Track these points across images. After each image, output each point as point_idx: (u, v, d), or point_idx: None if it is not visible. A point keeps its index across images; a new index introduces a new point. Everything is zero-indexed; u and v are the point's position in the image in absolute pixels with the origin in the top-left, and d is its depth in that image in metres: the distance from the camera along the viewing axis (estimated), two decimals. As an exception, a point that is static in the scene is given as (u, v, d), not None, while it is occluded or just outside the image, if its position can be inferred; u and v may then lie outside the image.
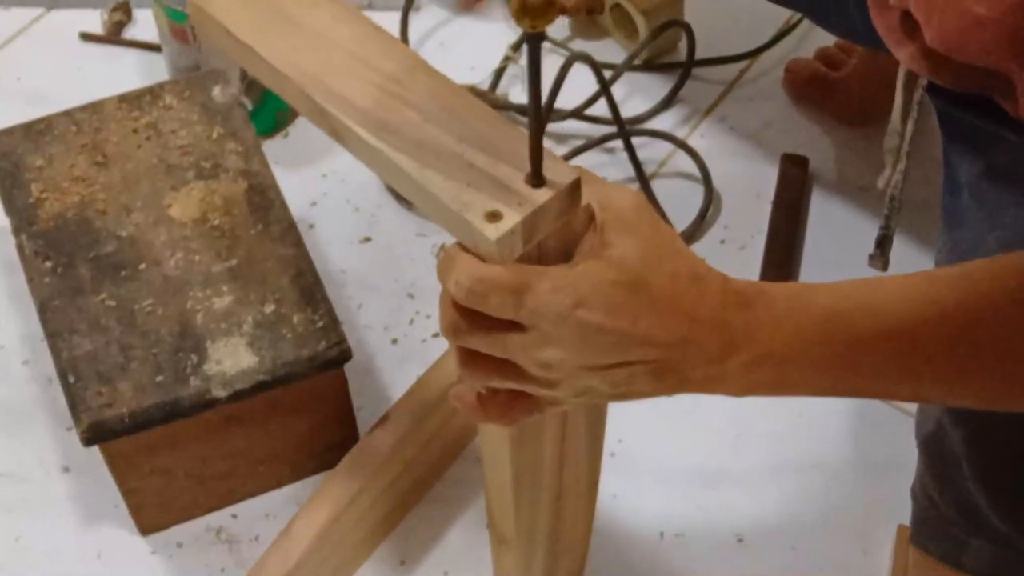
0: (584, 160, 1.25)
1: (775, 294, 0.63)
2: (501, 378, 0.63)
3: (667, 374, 0.62)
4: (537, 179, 0.60)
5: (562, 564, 0.91)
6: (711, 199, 1.23)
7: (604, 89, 1.24)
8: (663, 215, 1.21)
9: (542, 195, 0.60)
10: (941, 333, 0.63)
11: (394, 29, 1.34)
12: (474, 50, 1.33)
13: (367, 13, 0.78)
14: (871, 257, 1.07)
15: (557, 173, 0.60)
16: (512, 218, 0.59)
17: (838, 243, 1.20)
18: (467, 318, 0.61)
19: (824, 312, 0.63)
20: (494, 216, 0.59)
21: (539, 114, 0.59)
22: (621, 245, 0.60)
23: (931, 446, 0.85)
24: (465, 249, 0.61)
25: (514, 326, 0.61)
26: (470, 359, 0.63)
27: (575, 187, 0.61)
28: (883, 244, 1.07)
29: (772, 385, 0.64)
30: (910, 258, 1.16)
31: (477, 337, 0.62)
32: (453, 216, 0.60)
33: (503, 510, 0.81)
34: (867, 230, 1.19)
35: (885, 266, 1.09)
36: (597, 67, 1.23)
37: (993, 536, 0.83)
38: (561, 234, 0.62)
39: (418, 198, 0.62)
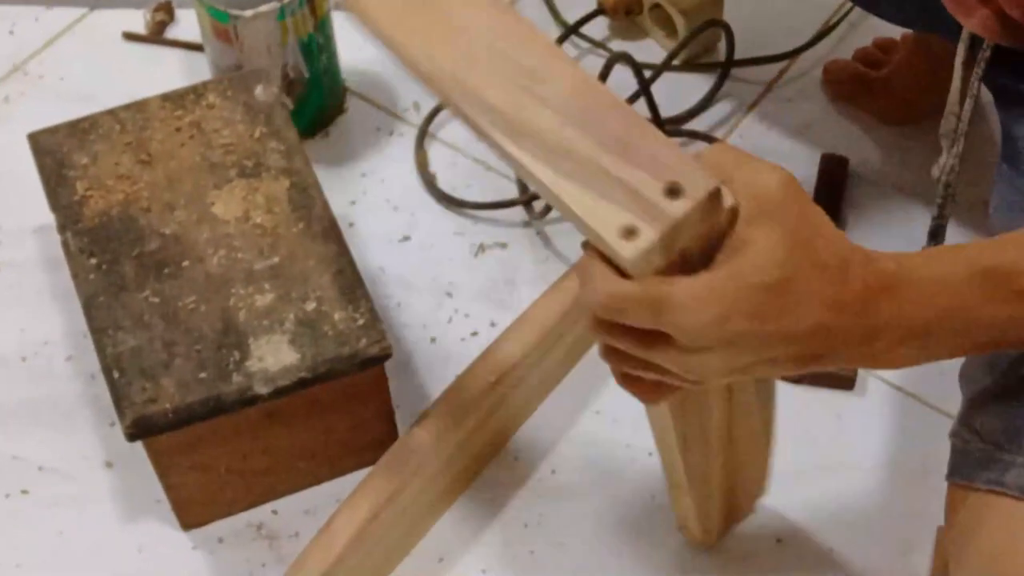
0: (623, 160, 1.26)
1: (917, 271, 0.65)
2: (645, 371, 0.64)
3: (811, 361, 0.63)
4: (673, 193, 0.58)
5: (741, 494, 0.93)
6: (750, 199, 1.23)
7: (644, 89, 1.24)
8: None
9: (680, 207, 0.58)
10: None
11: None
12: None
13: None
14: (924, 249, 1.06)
15: (695, 182, 0.58)
16: (648, 235, 0.58)
17: (879, 242, 1.18)
18: (609, 322, 0.61)
19: (963, 281, 0.65)
20: (630, 233, 0.58)
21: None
22: (765, 240, 0.59)
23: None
24: (599, 254, 0.60)
25: (658, 333, 0.60)
26: (613, 353, 0.63)
27: (714, 196, 0.59)
28: (937, 234, 1.06)
29: (916, 358, 0.66)
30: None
31: (620, 340, 0.62)
32: (589, 230, 0.59)
33: (672, 464, 0.81)
34: (908, 230, 1.19)
35: None
36: (637, 67, 1.23)
37: None
38: (704, 237, 0.60)
39: (554, 204, 0.61)
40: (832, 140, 1.28)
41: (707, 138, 1.27)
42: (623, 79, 1.25)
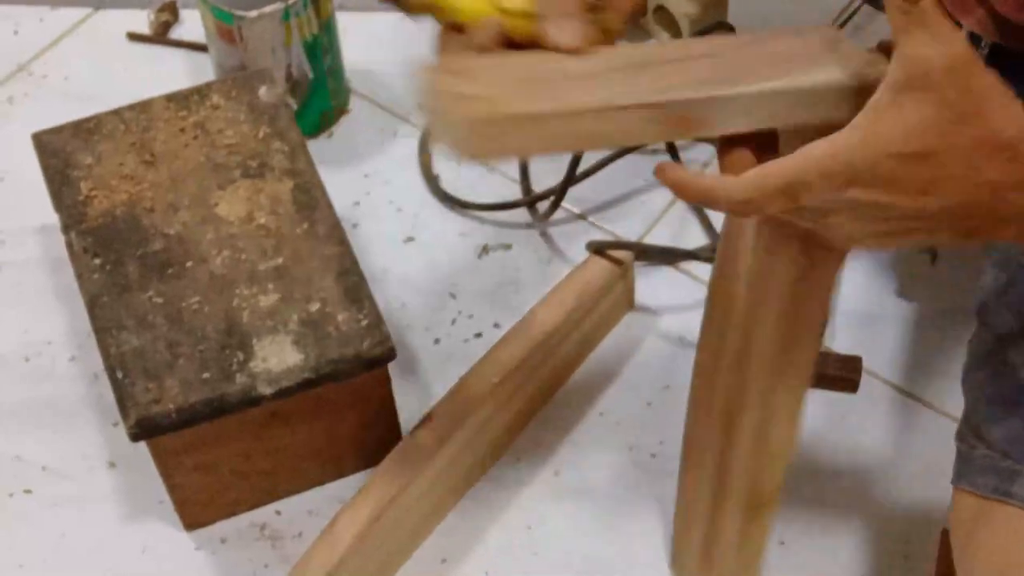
0: (627, 162, 1.25)
1: None
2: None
3: (973, 234, 0.60)
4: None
5: None
6: (754, 201, 1.22)
7: (647, 91, 1.24)
8: None
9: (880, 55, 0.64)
10: None
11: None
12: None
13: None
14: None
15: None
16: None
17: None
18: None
19: None
20: (862, 75, 0.63)
21: None
22: (914, 109, 0.57)
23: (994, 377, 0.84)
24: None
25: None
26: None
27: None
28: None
29: None
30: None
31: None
32: (832, 86, 0.63)
33: (775, 464, 0.85)
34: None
35: (934, 257, 1.08)
36: (641, 69, 1.23)
37: None
38: None
39: (790, 105, 0.64)
40: (836, 142, 1.27)
41: (711, 140, 1.27)
42: (627, 81, 1.25)
